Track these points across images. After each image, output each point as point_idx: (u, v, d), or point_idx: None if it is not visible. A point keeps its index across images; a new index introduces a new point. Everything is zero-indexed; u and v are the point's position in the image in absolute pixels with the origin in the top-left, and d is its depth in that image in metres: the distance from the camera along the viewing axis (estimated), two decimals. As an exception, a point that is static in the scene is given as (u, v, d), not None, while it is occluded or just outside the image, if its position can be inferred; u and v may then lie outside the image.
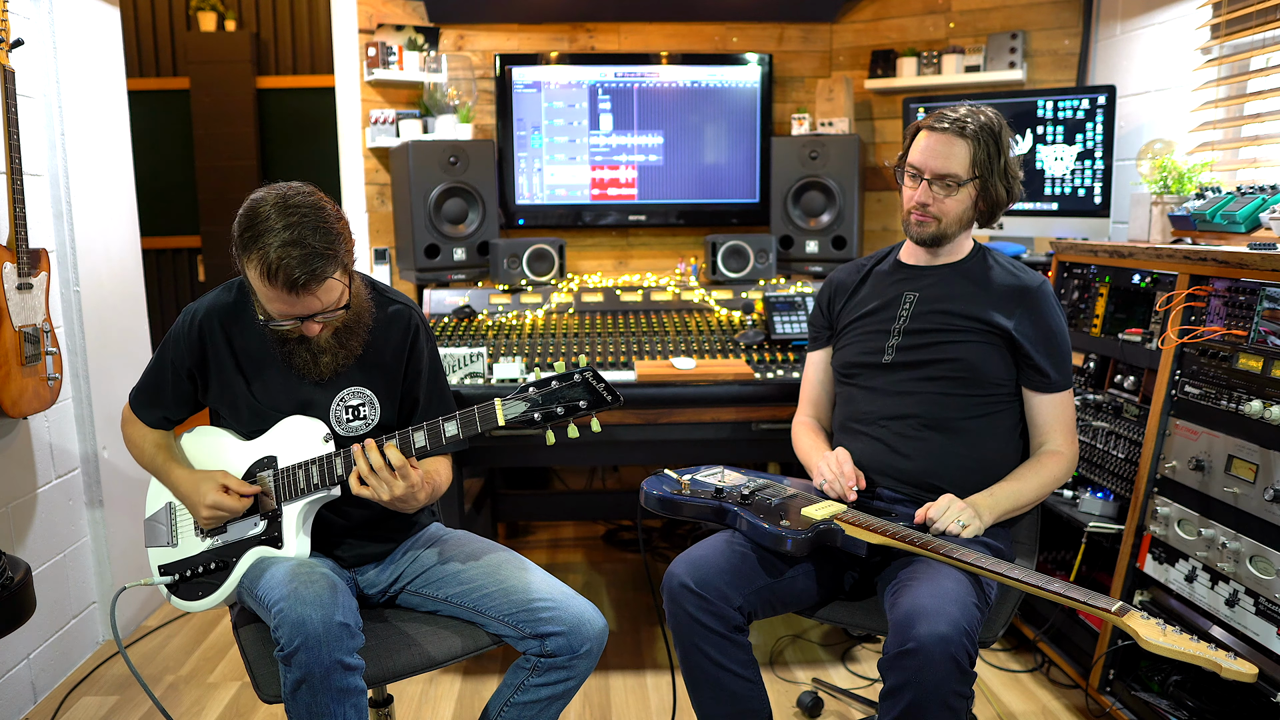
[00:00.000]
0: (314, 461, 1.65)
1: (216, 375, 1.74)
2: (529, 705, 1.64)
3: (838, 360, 2.01)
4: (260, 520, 1.70)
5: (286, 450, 1.70)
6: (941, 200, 1.84)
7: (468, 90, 3.49)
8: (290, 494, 1.67)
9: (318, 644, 1.42)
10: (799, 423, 2.07)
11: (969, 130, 1.81)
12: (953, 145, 1.81)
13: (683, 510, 1.83)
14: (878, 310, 1.95)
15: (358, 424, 1.74)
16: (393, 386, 1.78)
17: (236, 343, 1.73)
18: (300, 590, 1.48)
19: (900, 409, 1.87)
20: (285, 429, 1.71)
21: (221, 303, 1.75)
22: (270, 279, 1.51)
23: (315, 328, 1.61)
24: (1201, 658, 1.36)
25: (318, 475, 1.65)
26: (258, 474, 1.70)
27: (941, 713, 1.46)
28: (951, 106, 1.87)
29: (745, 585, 1.71)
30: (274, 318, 1.59)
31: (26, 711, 2.39)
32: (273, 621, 1.48)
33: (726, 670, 1.69)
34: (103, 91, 2.81)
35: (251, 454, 1.72)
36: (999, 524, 1.81)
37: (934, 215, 1.85)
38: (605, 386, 1.52)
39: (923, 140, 1.85)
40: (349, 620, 1.48)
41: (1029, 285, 1.85)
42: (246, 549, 1.69)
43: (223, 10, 5.25)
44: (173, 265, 5.52)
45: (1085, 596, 1.47)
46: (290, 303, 1.55)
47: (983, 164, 1.82)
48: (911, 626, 1.48)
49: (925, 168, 1.84)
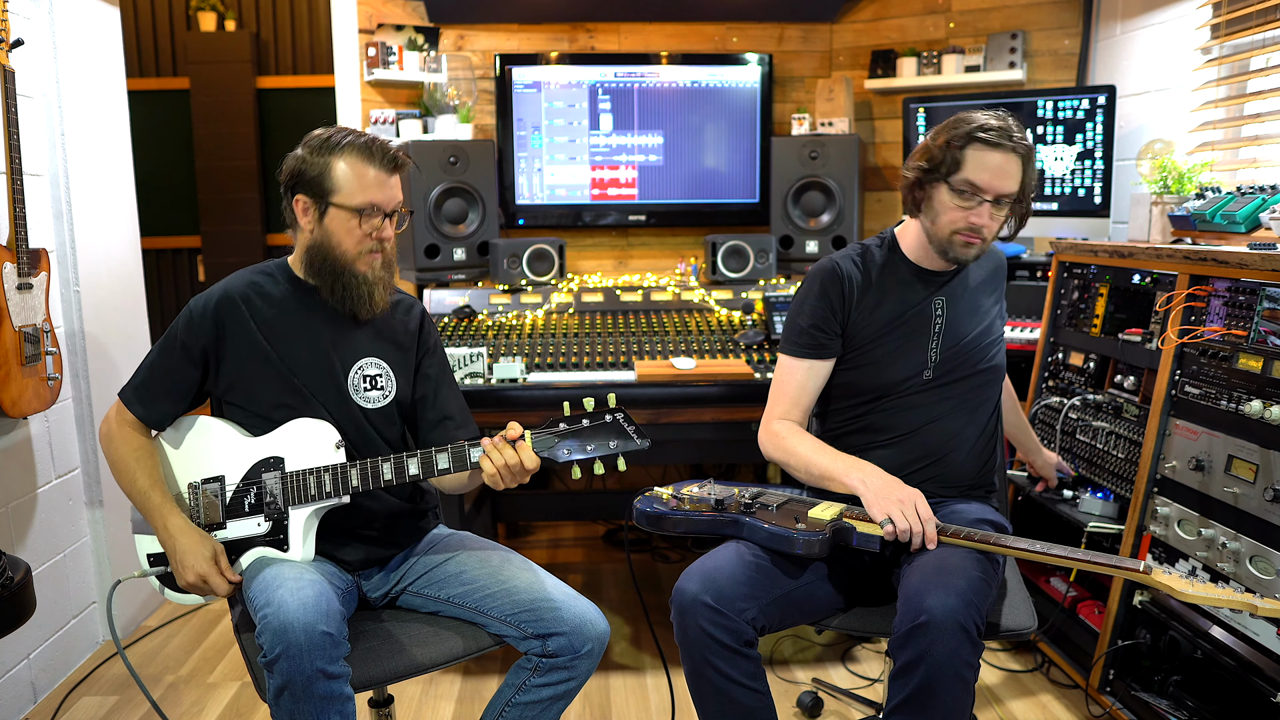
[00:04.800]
0: (327, 469, 1.65)
1: (232, 354, 1.72)
2: (530, 705, 1.64)
3: (863, 379, 1.85)
4: (265, 521, 1.67)
5: (294, 452, 1.68)
6: (992, 222, 1.75)
7: (468, 90, 3.49)
8: (298, 499, 1.66)
9: (299, 653, 1.41)
10: (787, 425, 1.86)
11: (1021, 149, 1.72)
12: (1014, 164, 1.72)
13: (682, 526, 1.75)
14: (907, 319, 1.83)
15: (375, 394, 1.77)
16: (407, 361, 1.82)
17: (259, 317, 1.73)
18: (286, 598, 1.46)
19: (937, 417, 1.84)
20: (293, 430, 1.69)
21: (238, 284, 1.75)
22: (370, 156, 1.66)
23: (390, 230, 1.71)
24: (1236, 600, 1.44)
25: (330, 484, 1.65)
26: (262, 474, 1.68)
27: (954, 685, 1.47)
28: (997, 116, 1.74)
29: (762, 596, 1.64)
30: (366, 207, 1.66)
31: (26, 711, 2.39)
32: (257, 627, 1.48)
33: (736, 684, 1.62)
34: (103, 91, 2.81)
35: (256, 451, 1.70)
36: (990, 503, 1.90)
37: (984, 236, 1.75)
38: (636, 429, 1.57)
39: (987, 158, 1.70)
40: (332, 629, 1.46)
41: (1000, 259, 1.98)
42: (247, 548, 1.68)
43: (223, 10, 5.25)
44: (173, 265, 5.52)
45: (1110, 560, 1.53)
46: (386, 184, 1.67)
47: (1028, 182, 1.75)
48: (922, 600, 1.48)
49: (990, 189, 1.71)
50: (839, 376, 1.88)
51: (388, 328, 1.81)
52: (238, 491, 1.70)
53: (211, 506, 1.70)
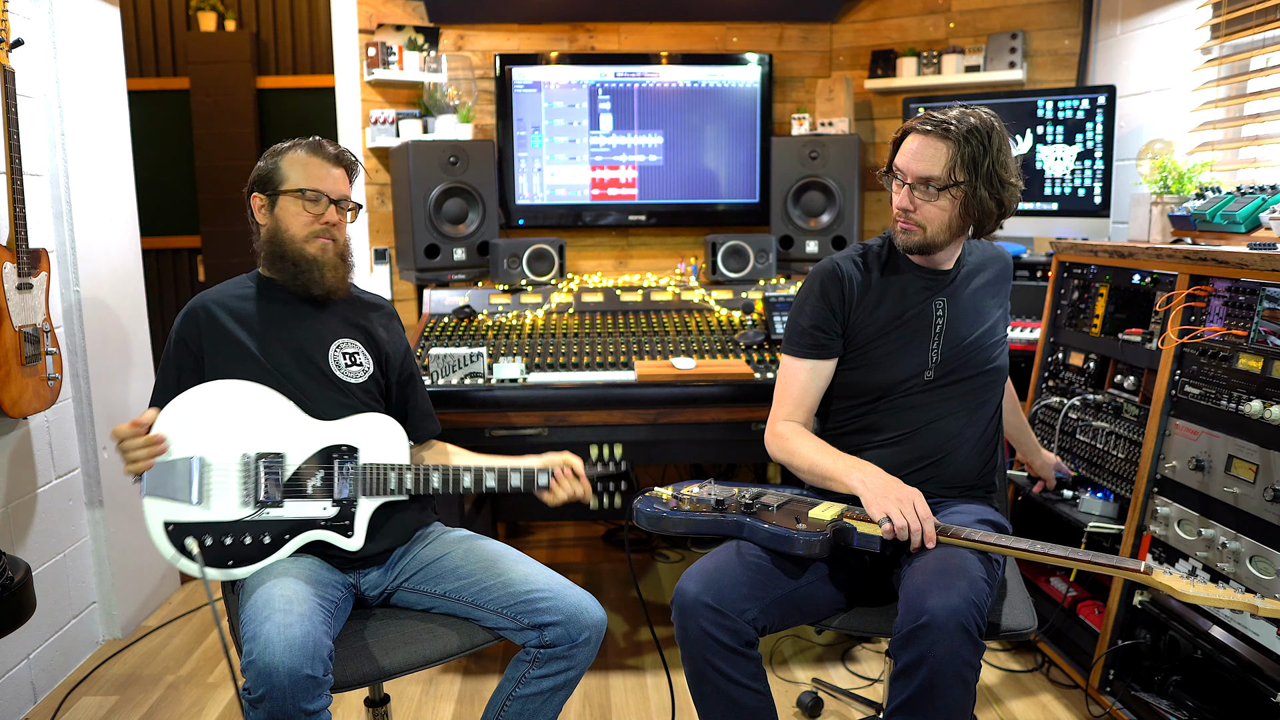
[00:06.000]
0: (409, 468, 1.75)
1: (213, 351, 1.79)
2: (532, 698, 1.64)
3: (864, 379, 1.85)
4: (332, 506, 1.71)
5: (368, 444, 1.76)
6: (923, 206, 1.74)
7: (468, 90, 3.49)
8: (372, 490, 1.74)
9: (282, 696, 1.41)
10: (791, 427, 1.86)
11: (954, 132, 1.70)
12: (935, 147, 1.72)
13: (682, 526, 1.75)
14: (908, 319, 1.83)
15: (356, 369, 1.87)
16: (378, 347, 1.93)
17: (232, 316, 1.82)
18: (273, 635, 1.44)
19: (938, 417, 1.84)
20: (365, 423, 1.78)
21: (210, 293, 1.86)
22: (314, 150, 1.82)
23: (336, 215, 1.83)
24: (1236, 601, 1.43)
25: (411, 481, 1.75)
26: (334, 460, 1.72)
27: (956, 685, 1.46)
28: (944, 107, 1.77)
29: (763, 596, 1.65)
30: (308, 190, 1.79)
31: (26, 711, 2.39)
32: (243, 659, 1.46)
33: (737, 684, 1.63)
34: (103, 91, 2.81)
35: (324, 436, 1.74)
36: (990, 503, 1.90)
37: (917, 223, 1.76)
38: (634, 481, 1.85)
39: (908, 142, 1.76)
40: (317, 671, 1.45)
41: (1006, 261, 1.98)
42: (306, 529, 1.69)
43: (223, 10, 5.24)
44: (173, 265, 5.52)
45: (1110, 560, 1.53)
46: (329, 174, 1.81)
47: (967, 168, 1.71)
48: (923, 601, 1.48)
49: (907, 170, 1.75)
50: (840, 376, 1.88)
51: (360, 318, 1.93)
52: (300, 472, 1.71)
53: (271, 483, 1.69)
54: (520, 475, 1.77)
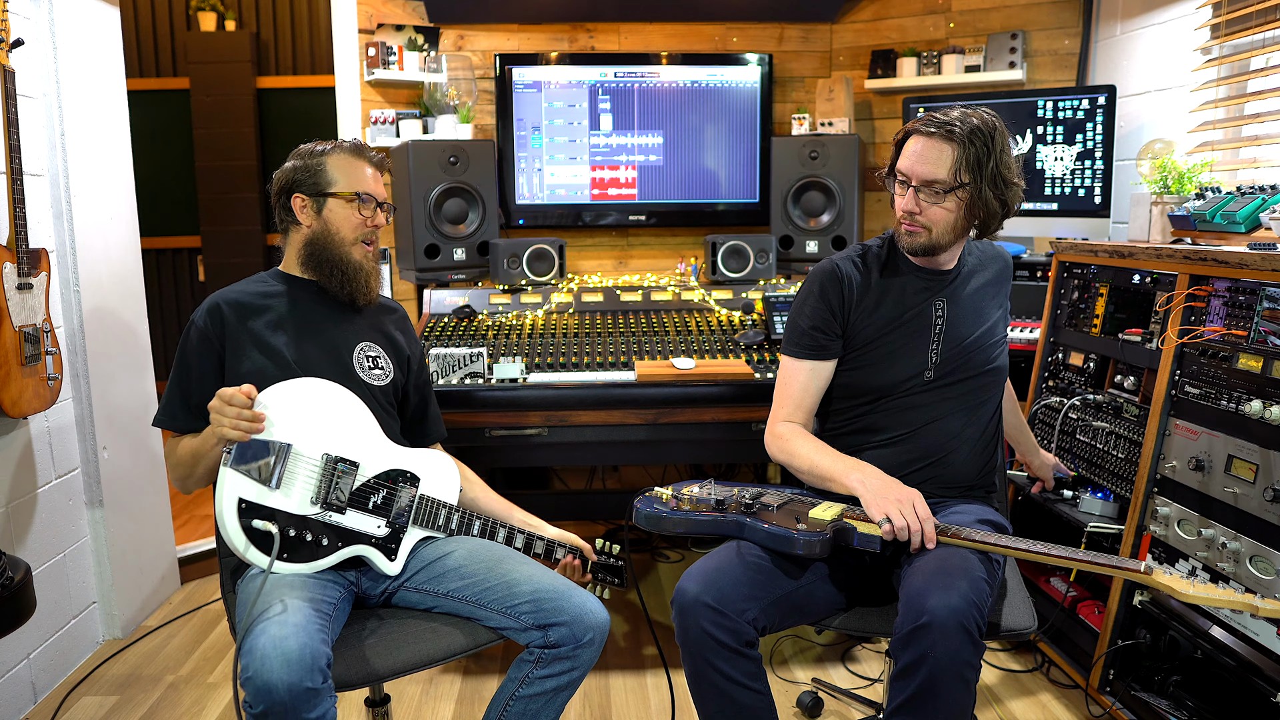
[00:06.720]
0: (457, 509, 1.82)
1: (234, 352, 1.76)
2: (534, 698, 1.64)
3: (863, 379, 1.85)
4: (386, 526, 1.73)
5: (429, 478, 1.80)
6: (928, 208, 1.75)
7: (468, 90, 3.49)
8: (424, 521, 1.78)
9: (282, 710, 1.40)
10: (791, 428, 1.86)
11: (957, 134, 1.70)
12: (940, 149, 1.72)
13: (682, 526, 1.74)
14: (907, 320, 1.83)
15: (378, 373, 1.89)
16: (398, 351, 1.96)
17: (256, 314, 1.81)
18: (269, 650, 1.43)
19: (938, 417, 1.83)
20: (429, 457, 1.82)
21: (228, 292, 1.84)
22: (359, 154, 1.87)
23: (382, 219, 1.88)
24: (1236, 601, 1.43)
25: (456, 522, 1.81)
26: (399, 483, 1.75)
27: (956, 685, 1.46)
28: (945, 108, 1.76)
29: (764, 596, 1.64)
30: (362, 195, 1.84)
31: (26, 711, 2.39)
32: (241, 674, 1.45)
33: (737, 684, 1.62)
34: (103, 91, 2.81)
35: (394, 458, 1.77)
36: (990, 503, 1.89)
37: (923, 225, 1.76)
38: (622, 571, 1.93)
39: (910, 144, 1.76)
40: (316, 683, 1.44)
41: (1006, 261, 1.98)
42: (356, 541, 1.69)
43: (223, 10, 5.25)
44: (173, 265, 5.52)
45: (1110, 560, 1.53)
46: (375, 178, 1.88)
47: (972, 169, 1.71)
48: (924, 601, 1.48)
49: (911, 174, 1.74)
50: (840, 377, 1.88)
51: (380, 322, 1.96)
52: (367, 487, 1.72)
53: (339, 489, 1.69)
54: (543, 544, 1.88)
